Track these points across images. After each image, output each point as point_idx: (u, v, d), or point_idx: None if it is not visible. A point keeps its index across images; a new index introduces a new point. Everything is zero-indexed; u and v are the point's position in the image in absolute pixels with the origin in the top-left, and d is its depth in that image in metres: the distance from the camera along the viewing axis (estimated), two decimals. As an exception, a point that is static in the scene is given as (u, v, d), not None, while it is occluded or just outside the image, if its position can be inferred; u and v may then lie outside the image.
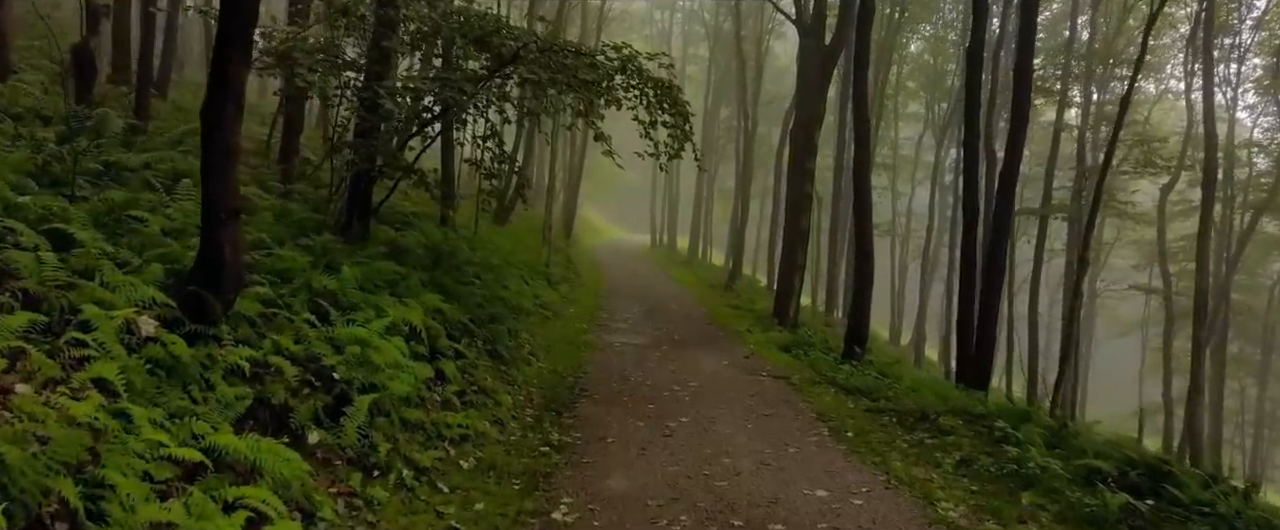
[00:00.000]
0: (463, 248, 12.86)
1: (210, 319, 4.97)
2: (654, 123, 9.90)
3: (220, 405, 4.58)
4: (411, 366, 6.21)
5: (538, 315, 14.59)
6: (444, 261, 10.52)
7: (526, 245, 19.77)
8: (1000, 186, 11.38)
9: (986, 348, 11.24)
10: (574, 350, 12.57)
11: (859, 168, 13.00)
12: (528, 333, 12.30)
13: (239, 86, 5.04)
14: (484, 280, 11.46)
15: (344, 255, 7.71)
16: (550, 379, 10.25)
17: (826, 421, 8.81)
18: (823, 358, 13.05)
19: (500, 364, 9.60)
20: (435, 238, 12.45)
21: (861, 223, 12.75)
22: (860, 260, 12.75)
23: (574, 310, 17.36)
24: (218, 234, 4.97)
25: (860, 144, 13.01)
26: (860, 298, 12.73)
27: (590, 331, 14.98)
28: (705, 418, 8.63)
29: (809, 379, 11.46)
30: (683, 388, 10.29)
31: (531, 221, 25.87)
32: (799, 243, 16.84)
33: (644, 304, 19.86)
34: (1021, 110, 11.04)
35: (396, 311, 6.89)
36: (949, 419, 8.53)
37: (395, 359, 6.00)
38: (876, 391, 10.45)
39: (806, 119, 16.61)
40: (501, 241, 16.74)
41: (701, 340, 14.94)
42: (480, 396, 7.79)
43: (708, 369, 11.81)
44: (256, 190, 11.09)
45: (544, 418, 8.28)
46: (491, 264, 12.72)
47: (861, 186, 12.85)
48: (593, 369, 11.31)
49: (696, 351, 13.44)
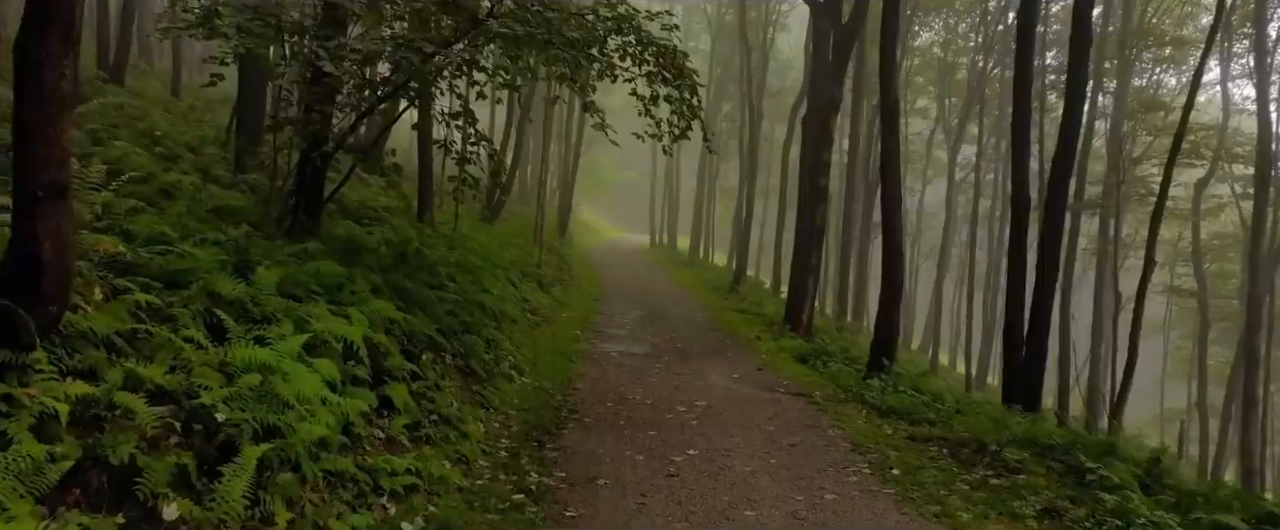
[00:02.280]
0: (439, 247, 11.35)
1: (23, 343, 3.46)
2: (654, 98, 8.39)
3: (19, 472, 3.09)
4: (339, 400, 4.71)
5: (525, 322, 13.09)
6: (411, 262, 9.01)
7: (516, 245, 18.26)
8: (1053, 174, 9.86)
9: (1038, 359, 9.74)
10: (564, 362, 11.07)
11: (887, 159, 11.47)
12: (511, 343, 10.79)
13: (67, 13, 3.54)
14: (460, 283, 9.95)
15: (269, 253, 6.20)
16: (534, 399, 8.75)
17: (864, 453, 7.30)
18: (846, 371, 11.54)
19: (473, 383, 8.09)
20: (407, 235, 10.94)
21: (890, 219, 11.23)
22: (889, 261, 11.23)
23: (567, 315, 15.87)
24: (32, 221, 3.47)
25: (888, 132, 11.48)
26: (889, 303, 11.21)
27: (584, 339, 13.49)
28: (718, 449, 7.14)
29: (834, 397, 9.95)
30: (689, 408, 8.79)
31: (523, 220, 24.36)
32: (813, 242, 15.33)
33: (643, 308, 18.35)
34: (1078, 82, 9.53)
35: (327, 325, 5.39)
36: (1014, 452, 7.03)
37: (313, 389, 4.49)
38: (915, 413, 8.95)
39: (821, 105, 15.08)
40: (487, 241, 15.24)
41: (707, 349, 13.43)
42: (441, 428, 6.29)
43: (717, 384, 10.31)
44: (195, 179, 9.58)
45: (522, 451, 6.78)
46: (471, 265, 11.21)
47: (890, 179, 11.33)
48: (585, 385, 9.81)
49: (703, 363, 11.94)
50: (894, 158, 11.35)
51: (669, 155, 8.62)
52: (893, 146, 11.36)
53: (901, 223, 11.25)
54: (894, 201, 11.25)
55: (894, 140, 11.49)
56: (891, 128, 11.39)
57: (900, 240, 11.30)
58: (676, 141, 8.47)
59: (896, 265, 11.27)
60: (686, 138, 8.44)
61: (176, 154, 10.96)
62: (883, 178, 11.49)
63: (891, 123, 11.36)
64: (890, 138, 11.40)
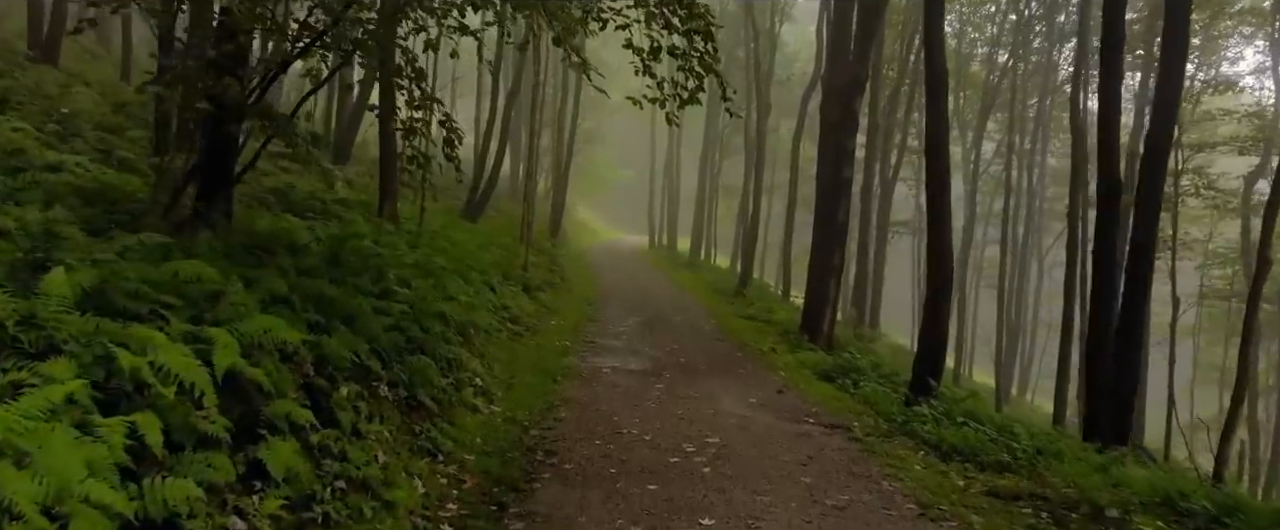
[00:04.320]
0: (397, 246, 9.49)
1: None
2: (655, 51, 6.51)
3: None
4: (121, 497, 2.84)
5: (504, 333, 11.23)
6: (346, 263, 7.13)
7: (500, 245, 16.39)
8: (1148, 152, 7.96)
9: (1130, 379, 7.88)
10: (546, 383, 9.20)
11: (933, 140, 9.54)
12: (481, 361, 8.92)
13: None
14: (417, 289, 8.08)
15: (93, 249, 4.33)
16: (503, 436, 6.89)
17: (938, 520, 5.42)
18: (882, 392, 9.67)
19: (419, 421, 6.22)
20: (354, 229, 9.08)
21: (936, 206, 9.29)
22: (936, 260, 9.31)
23: (556, 323, 13.99)
24: None
25: (933, 108, 9.55)
26: (935, 311, 9.29)
27: (573, 352, 11.62)
28: (741, 514, 5.27)
29: (876, 429, 8.08)
30: (699, 447, 6.93)
31: (511, 219, 22.47)
32: (834, 240, 13.45)
33: (642, 314, 16.47)
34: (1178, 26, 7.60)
35: (164, 356, 3.52)
36: (1146, 521, 5.15)
37: (76, 467, 2.63)
38: (984, 453, 7.08)
39: (843, 85, 13.21)
40: (464, 239, 13.36)
41: (716, 364, 11.56)
42: (351, 499, 4.41)
43: (731, 412, 8.44)
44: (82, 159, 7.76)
45: (474, 523, 4.92)
46: (434, 268, 9.33)
47: (936, 161, 9.43)
48: (569, 414, 7.94)
49: (712, 382, 10.07)
50: (941, 138, 9.43)
51: (674, 125, 6.75)
52: (940, 125, 9.44)
53: (949, 212, 9.37)
54: (942, 187, 9.33)
55: (940, 125, 9.57)
56: (938, 103, 9.49)
57: (948, 234, 9.40)
58: (685, 106, 6.58)
59: (943, 264, 9.35)
60: (697, 101, 6.56)
61: (77, 133, 9.11)
62: (928, 161, 9.57)
63: (938, 97, 9.46)
64: (937, 116, 9.49)
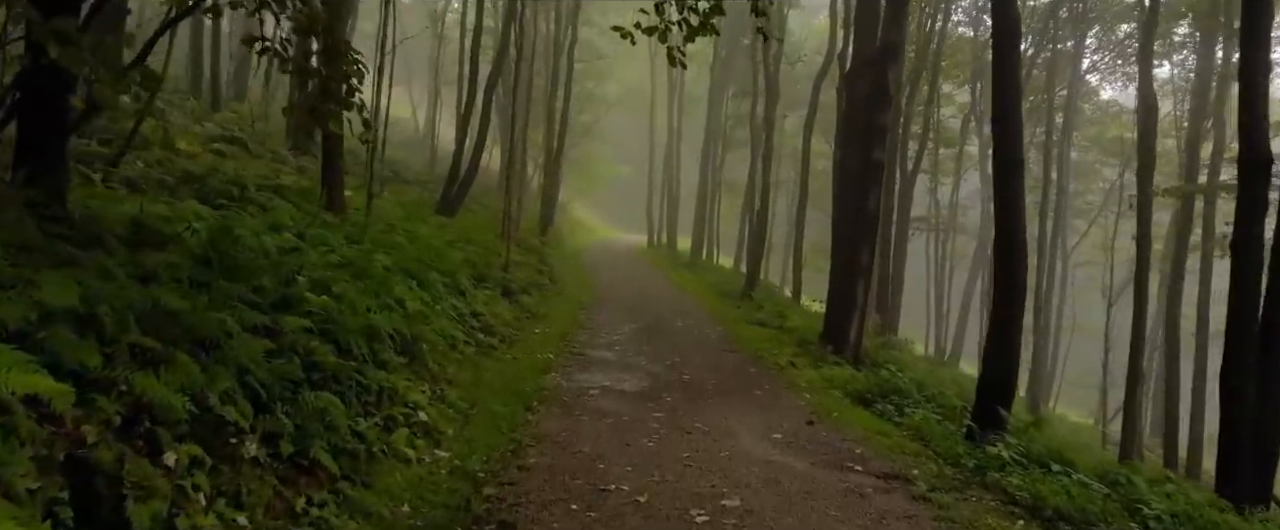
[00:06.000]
0: (330, 241, 7.56)
1: None
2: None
3: None
4: None
5: (471, 347, 9.30)
6: (221, 264, 5.19)
7: (478, 243, 14.45)
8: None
9: (1273, 418, 5.94)
10: (516, 412, 7.28)
11: (1002, 111, 7.49)
12: (430, 387, 7.00)
13: None
14: (342, 296, 6.14)
15: None
16: (444, 499, 5.00)
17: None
18: (935, 423, 7.73)
19: (311, 488, 4.31)
20: (280, 221, 7.17)
21: (1007, 190, 7.29)
22: (1006, 266, 7.27)
23: (539, 332, 12.07)
24: None
25: (1004, 74, 7.48)
26: (1008, 326, 7.23)
27: (557, 367, 9.72)
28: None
29: (943, 480, 6.16)
30: (713, 517, 5.02)
31: (495, 214, 20.51)
32: (862, 235, 11.50)
33: (639, 320, 14.56)
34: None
35: None
36: None
37: None
38: (1101, 520, 5.17)
39: (874, 55, 11.25)
40: (429, 235, 11.41)
41: (727, 383, 9.64)
42: None
43: (752, 454, 6.53)
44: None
45: None
46: (376, 268, 7.39)
47: (1007, 140, 7.39)
48: (540, 459, 6.03)
49: (723, 408, 8.16)
50: (1011, 103, 7.43)
51: (680, 66, 4.86)
52: (1010, 87, 7.43)
53: (1021, 198, 7.40)
54: (1012, 166, 7.34)
55: (1011, 77, 7.58)
56: (1007, 60, 7.48)
57: (1021, 226, 7.42)
58: (693, 38, 4.66)
59: (1016, 265, 7.35)
60: (709, 30, 4.65)
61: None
62: (997, 133, 7.54)
63: (1008, 52, 7.47)
64: (1007, 74, 7.49)
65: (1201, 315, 18.52)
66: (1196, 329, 18.55)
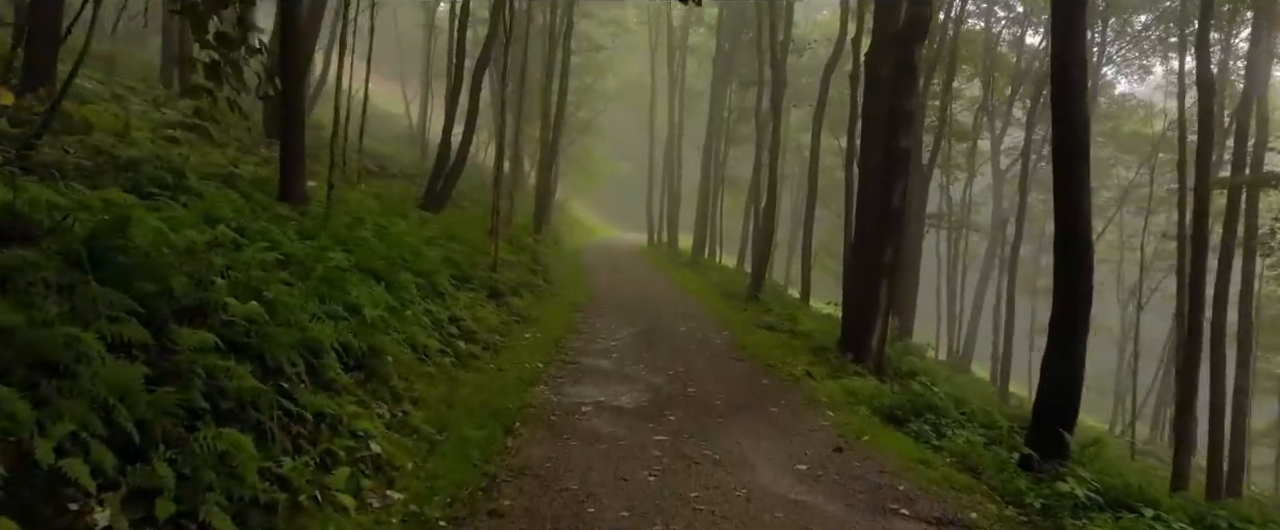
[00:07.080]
0: (275, 237, 6.46)
1: None
2: None
3: None
4: None
5: (448, 357, 8.18)
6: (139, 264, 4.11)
7: (463, 240, 13.34)
8: None
9: None
10: (494, 436, 6.19)
11: (1062, 90, 6.32)
12: (389, 408, 5.90)
13: None
14: (276, 302, 5.05)
15: None
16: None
17: None
18: (983, 449, 6.63)
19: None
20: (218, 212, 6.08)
21: (1070, 189, 6.11)
22: (1070, 264, 6.16)
23: (529, 337, 10.97)
24: None
25: (1067, 31, 6.34)
26: (1072, 336, 6.11)
27: (545, 379, 8.62)
28: None
29: (1008, 524, 5.06)
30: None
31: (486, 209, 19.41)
32: (886, 232, 10.38)
33: (638, 323, 13.45)
34: None
35: None
36: None
37: None
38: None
39: (900, 31, 10.12)
40: (404, 231, 10.29)
41: (738, 398, 8.53)
42: None
43: (773, 492, 5.43)
44: None
45: None
46: (331, 269, 6.29)
47: (1068, 119, 6.26)
48: (517, 501, 4.95)
49: (736, 430, 7.06)
50: (1075, 71, 6.25)
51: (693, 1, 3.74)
52: (1074, 68, 6.28)
53: (1087, 184, 6.27)
54: (1078, 150, 6.22)
55: (1076, 35, 6.38)
56: (1072, 13, 6.34)
57: (1086, 218, 6.29)
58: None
59: (1079, 267, 6.25)
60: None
61: None
62: (1056, 106, 6.39)
63: (1072, 22, 6.33)
64: (1070, 32, 6.32)
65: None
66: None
